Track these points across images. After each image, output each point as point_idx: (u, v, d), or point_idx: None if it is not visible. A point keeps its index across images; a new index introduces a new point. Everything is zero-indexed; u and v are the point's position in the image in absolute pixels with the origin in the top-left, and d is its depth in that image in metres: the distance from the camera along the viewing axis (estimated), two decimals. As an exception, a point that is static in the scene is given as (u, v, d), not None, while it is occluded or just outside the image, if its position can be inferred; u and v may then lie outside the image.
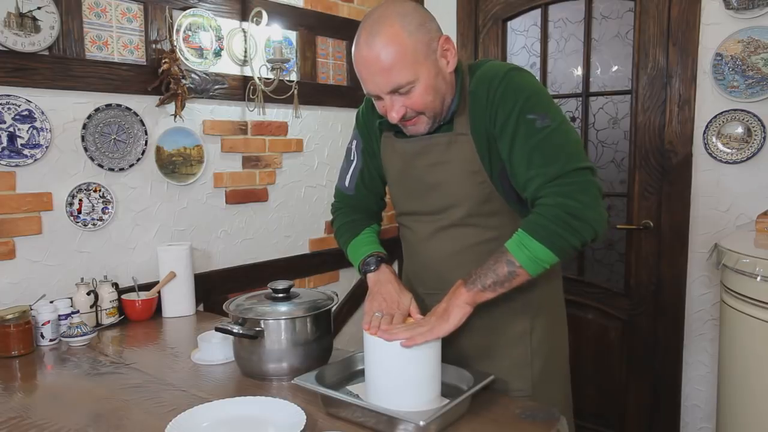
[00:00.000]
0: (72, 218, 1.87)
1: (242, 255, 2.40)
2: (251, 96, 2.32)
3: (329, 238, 2.74)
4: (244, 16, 2.30)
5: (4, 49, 1.70)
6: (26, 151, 1.76)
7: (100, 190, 1.93)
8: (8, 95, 1.72)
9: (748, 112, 2.14)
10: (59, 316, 1.71)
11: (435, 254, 1.36)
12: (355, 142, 1.48)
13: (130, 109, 1.98)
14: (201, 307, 2.17)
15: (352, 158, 1.48)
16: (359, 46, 1.16)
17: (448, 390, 1.19)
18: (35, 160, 1.78)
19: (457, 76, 1.25)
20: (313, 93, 2.59)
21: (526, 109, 1.15)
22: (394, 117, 1.19)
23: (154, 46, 2.03)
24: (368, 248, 1.40)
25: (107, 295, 1.86)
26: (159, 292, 1.96)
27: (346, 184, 1.49)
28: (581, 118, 2.59)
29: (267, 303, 1.39)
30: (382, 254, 1.39)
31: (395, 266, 3.04)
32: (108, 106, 1.93)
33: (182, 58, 2.08)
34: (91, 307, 1.83)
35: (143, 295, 1.93)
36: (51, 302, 1.74)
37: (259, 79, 2.30)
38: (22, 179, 1.77)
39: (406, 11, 1.15)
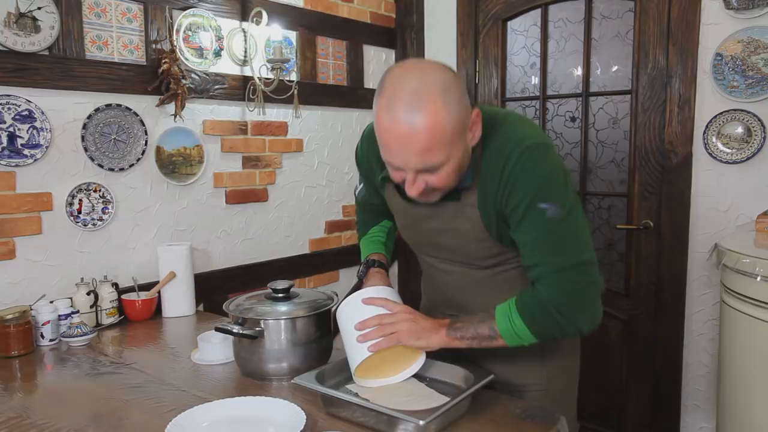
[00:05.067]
0: (72, 218, 1.87)
1: (242, 255, 2.40)
2: (251, 96, 2.32)
3: (329, 238, 2.74)
4: (244, 16, 2.30)
5: (4, 49, 1.70)
6: (26, 151, 1.76)
7: (100, 190, 1.93)
8: (8, 95, 1.72)
9: (748, 112, 2.14)
10: (59, 316, 1.71)
11: (452, 285, 1.37)
12: (359, 175, 1.50)
13: (130, 109, 1.98)
14: (201, 307, 2.17)
15: (359, 182, 1.50)
16: (394, 118, 1.03)
17: (448, 389, 1.19)
18: (35, 160, 1.78)
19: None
20: (313, 93, 2.59)
21: (539, 197, 1.10)
22: (412, 192, 1.12)
23: (154, 46, 2.03)
24: (369, 249, 1.47)
25: (107, 295, 1.86)
26: (159, 292, 1.96)
27: (356, 193, 1.54)
28: (581, 118, 2.59)
29: (267, 303, 1.39)
30: (376, 257, 1.44)
31: (396, 266, 3.04)
32: (108, 106, 1.93)
33: (182, 58, 2.08)
34: (91, 307, 1.83)
35: (143, 295, 1.93)
36: (51, 302, 1.74)
37: (259, 79, 2.30)
38: (22, 179, 1.77)
39: (448, 84, 1.04)
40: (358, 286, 1.36)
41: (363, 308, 1.23)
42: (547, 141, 1.15)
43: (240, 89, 2.32)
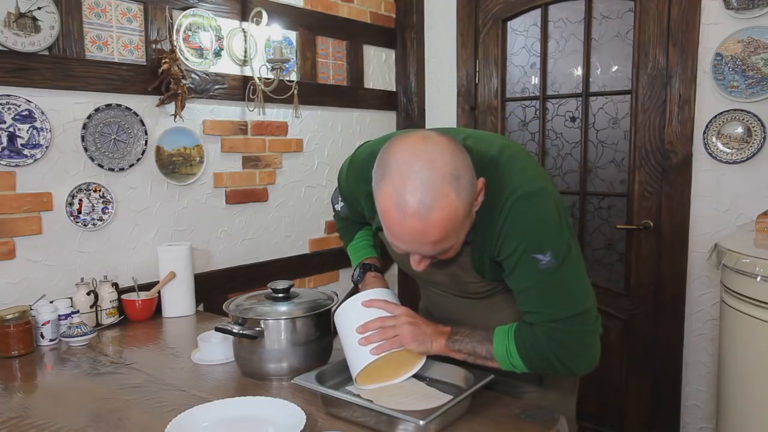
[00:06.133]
0: (72, 218, 1.87)
1: (242, 255, 2.40)
2: (251, 96, 2.32)
3: (329, 238, 2.74)
4: (244, 16, 2.30)
5: (4, 49, 1.70)
6: (26, 151, 1.76)
7: (100, 190, 1.93)
8: (8, 95, 1.72)
9: (748, 112, 2.14)
10: (59, 316, 1.71)
11: (447, 305, 1.38)
12: (339, 197, 1.45)
13: (130, 109, 1.98)
14: (201, 307, 2.17)
15: (341, 200, 1.45)
16: (405, 213, 0.97)
17: (448, 389, 1.19)
18: (35, 160, 1.78)
19: None
20: (313, 93, 2.59)
21: (531, 248, 1.07)
22: (418, 269, 1.12)
23: (154, 46, 2.03)
24: (360, 254, 1.49)
25: (107, 295, 1.86)
26: (159, 292, 1.96)
27: (337, 208, 1.49)
28: (581, 118, 2.59)
29: (267, 303, 1.39)
30: (370, 261, 1.45)
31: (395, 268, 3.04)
32: (108, 106, 1.93)
33: (182, 58, 2.08)
34: (91, 307, 1.83)
35: (143, 295, 1.93)
36: (51, 302, 1.74)
37: (259, 79, 2.30)
38: (22, 179, 1.77)
39: (458, 168, 0.99)
40: (354, 292, 1.36)
41: (363, 311, 1.23)
42: (539, 185, 1.09)
43: (240, 89, 2.32)
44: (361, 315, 1.22)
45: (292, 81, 2.38)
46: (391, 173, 0.99)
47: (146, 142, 2.02)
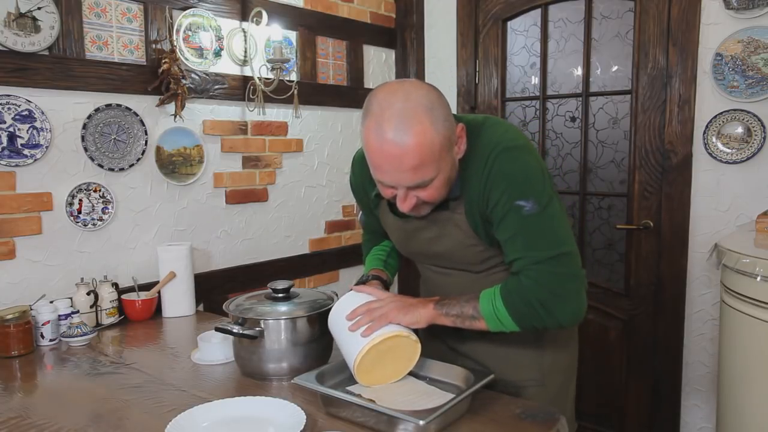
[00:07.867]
0: (72, 218, 1.87)
1: (242, 255, 2.40)
2: (251, 96, 2.32)
3: (329, 238, 2.75)
4: (244, 16, 2.30)
5: (4, 49, 1.70)
6: (26, 151, 1.76)
7: (100, 190, 1.93)
8: (8, 95, 1.72)
9: (748, 112, 2.14)
10: (59, 316, 1.71)
11: (450, 285, 1.39)
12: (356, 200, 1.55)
13: (130, 109, 1.98)
14: (201, 307, 2.17)
15: (360, 209, 1.58)
16: (383, 139, 1.07)
17: (448, 389, 1.19)
18: (35, 160, 1.78)
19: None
20: (313, 93, 2.59)
21: (515, 195, 1.15)
22: (404, 208, 1.18)
23: (154, 46, 2.03)
24: (369, 266, 1.54)
25: (107, 295, 1.86)
26: (159, 292, 1.96)
27: (360, 220, 1.62)
28: (581, 118, 2.59)
29: (267, 303, 1.39)
30: (374, 272, 1.50)
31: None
32: (108, 106, 1.93)
33: (182, 58, 2.08)
34: (91, 307, 1.83)
35: (143, 295, 1.93)
36: (51, 302, 1.74)
37: (259, 79, 2.30)
38: (22, 179, 1.77)
39: (432, 103, 1.10)
40: None
41: (351, 305, 1.25)
42: (520, 142, 1.19)
43: (240, 89, 2.32)
44: (349, 309, 1.25)
45: (292, 81, 2.38)
46: (372, 111, 1.10)
47: (146, 142, 2.02)
